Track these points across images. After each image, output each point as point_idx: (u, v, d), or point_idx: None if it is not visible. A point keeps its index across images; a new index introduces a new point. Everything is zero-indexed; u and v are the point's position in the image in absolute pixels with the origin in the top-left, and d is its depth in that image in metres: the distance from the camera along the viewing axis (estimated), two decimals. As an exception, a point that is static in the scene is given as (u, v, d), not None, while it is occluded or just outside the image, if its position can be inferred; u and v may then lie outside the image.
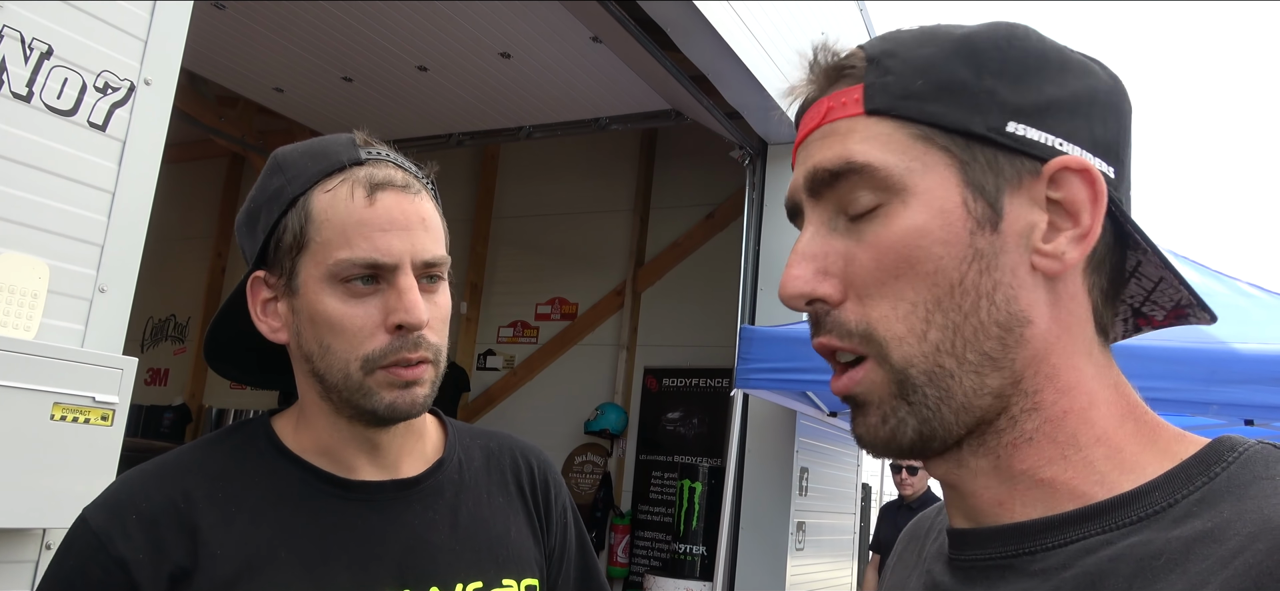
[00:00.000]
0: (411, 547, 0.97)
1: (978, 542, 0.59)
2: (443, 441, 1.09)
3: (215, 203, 9.09)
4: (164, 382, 8.90)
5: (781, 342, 4.43)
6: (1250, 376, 3.32)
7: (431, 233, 0.95)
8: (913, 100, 0.58)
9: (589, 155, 7.53)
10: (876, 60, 0.60)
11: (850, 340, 0.58)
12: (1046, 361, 0.57)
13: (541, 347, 7.56)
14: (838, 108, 0.60)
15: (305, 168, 0.95)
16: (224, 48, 5.58)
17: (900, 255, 0.56)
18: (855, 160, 0.58)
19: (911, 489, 5.27)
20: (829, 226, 0.60)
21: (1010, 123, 0.57)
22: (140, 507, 0.89)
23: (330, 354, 0.92)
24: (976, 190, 0.57)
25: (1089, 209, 0.56)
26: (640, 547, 6.81)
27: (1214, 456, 0.54)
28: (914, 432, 0.57)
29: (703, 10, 4.12)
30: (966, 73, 0.58)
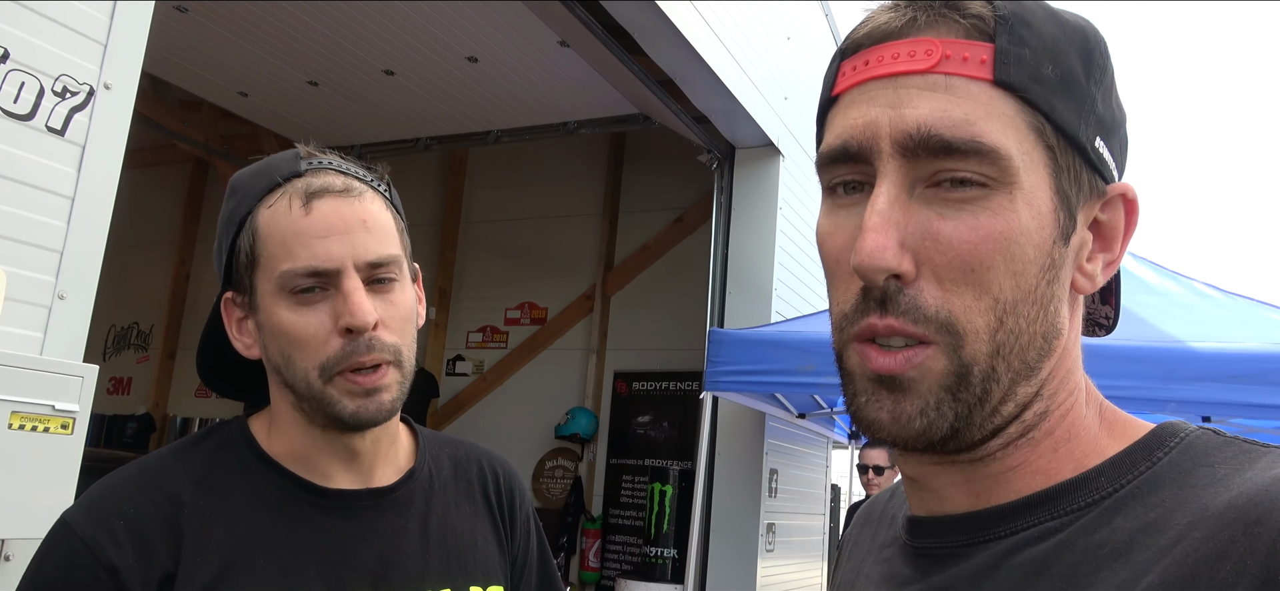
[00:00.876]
0: (384, 556, 0.98)
1: (933, 530, 0.60)
2: (414, 450, 1.10)
3: (178, 208, 8.97)
4: (127, 392, 8.75)
5: (750, 345, 4.45)
6: (1206, 374, 3.39)
7: (375, 233, 0.95)
8: (1042, 86, 0.53)
9: (557, 159, 7.52)
10: (1009, 23, 0.53)
11: (924, 326, 0.52)
12: (1062, 367, 0.57)
13: (511, 352, 7.54)
14: (958, 60, 0.53)
15: (251, 187, 0.98)
16: (187, 51, 5.51)
17: (998, 247, 0.52)
18: (985, 142, 0.52)
19: (878, 488, 5.31)
20: (908, 191, 0.53)
21: (1098, 137, 0.55)
22: (128, 513, 0.89)
23: (292, 364, 0.94)
24: (1063, 199, 0.54)
25: (1122, 237, 0.57)
26: (611, 551, 6.81)
27: (1156, 442, 0.55)
28: (949, 429, 0.53)
29: (670, 15, 4.14)
30: (1081, 71, 0.54)
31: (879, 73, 0.54)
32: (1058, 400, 0.57)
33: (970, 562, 0.56)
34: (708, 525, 5.30)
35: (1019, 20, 0.53)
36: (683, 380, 6.78)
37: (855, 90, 0.56)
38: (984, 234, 0.52)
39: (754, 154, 5.73)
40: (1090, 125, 0.54)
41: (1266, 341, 3.44)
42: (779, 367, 4.35)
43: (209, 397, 8.50)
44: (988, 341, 0.52)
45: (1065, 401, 0.57)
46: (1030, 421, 0.56)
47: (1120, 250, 0.57)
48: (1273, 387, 3.29)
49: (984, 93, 0.52)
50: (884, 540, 0.68)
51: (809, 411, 5.89)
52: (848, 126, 0.55)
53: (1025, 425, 0.56)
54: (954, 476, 0.58)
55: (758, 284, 5.58)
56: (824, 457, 6.85)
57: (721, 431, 5.42)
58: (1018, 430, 0.56)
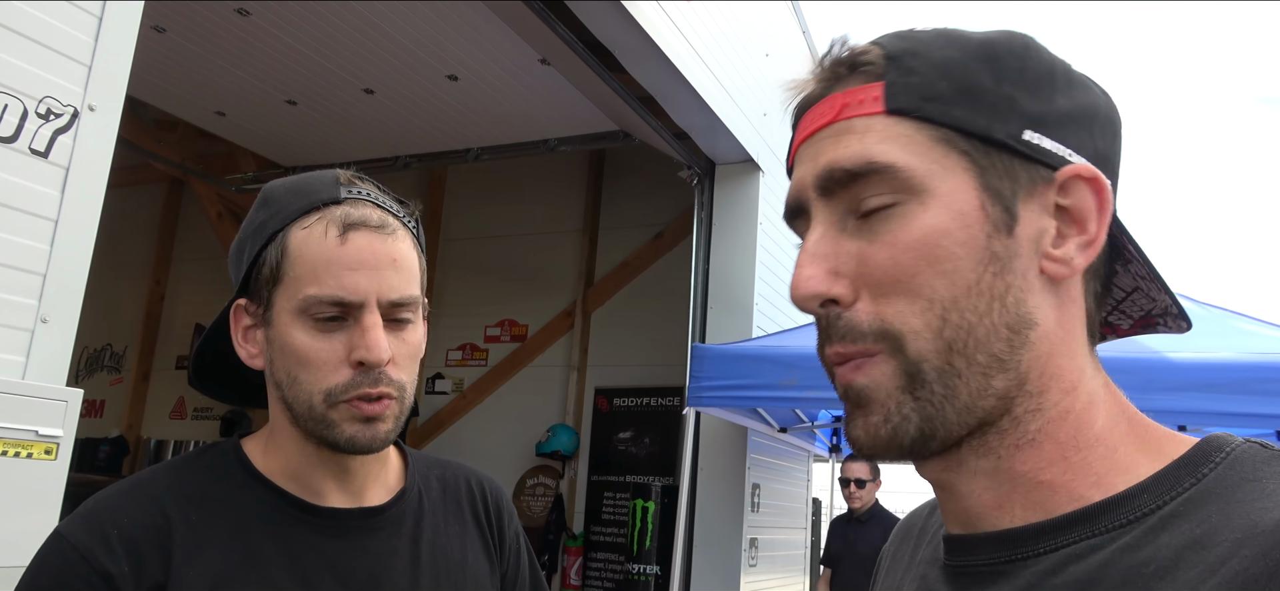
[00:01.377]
0: (376, 575, 0.99)
1: (971, 548, 0.60)
2: (403, 470, 1.12)
3: (153, 229, 8.88)
4: (100, 414, 8.63)
5: (732, 360, 4.47)
6: (1182, 384, 3.44)
7: (402, 273, 0.98)
8: (937, 102, 0.57)
9: (537, 176, 7.52)
10: (897, 58, 0.59)
11: (863, 341, 0.57)
12: (1052, 362, 0.57)
13: (491, 370, 7.51)
14: (854, 104, 0.59)
15: (287, 204, 0.99)
16: (164, 71, 5.47)
17: (920, 254, 0.56)
18: (877, 160, 0.57)
19: (860, 502, 5.34)
20: (839, 227, 0.59)
21: (1027, 130, 0.58)
22: (121, 524, 0.90)
23: (297, 385, 0.95)
24: (994, 195, 0.57)
25: (1096, 217, 0.58)
26: (593, 569, 6.79)
27: (1201, 457, 0.54)
28: (916, 430, 0.56)
29: (651, 33, 4.16)
30: (988, 78, 0.58)
31: (804, 135, 0.62)
32: (1051, 398, 0.57)
33: (1010, 582, 0.56)
34: (691, 540, 5.30)
35: (907, 53, 0.59)
36: (664, 396, 6.79)
37: (796, 156, 0.64)
38: (904, 243, 0.56)
39: (734, 170, 5.76)
40: (1012, 121, 0.57)
41: (1241, 351, 3.50)
42: (761, 382, 4.36)
43: (184, 419, 8.41)
44: (932, 339, 0.56)
45: (1063, 401, 0.57)
46: (1023, 418, 0.57)
47: (1098, 230, 0.58)
48: (1247, 397, 3.34)
49: (879, 123, 0.58)
50: (923, 557, 0.68)
51: (790, 425, 5.91)
52: (790, 188, 0.63)
53: (1018, 421, 0.57)
54: (971, 482, 0.59)
55: (739, 299, 5.60)
56: (805, 471, 6.87)
57: (704, 446, 5.43)
58: (1012, 426, 0.57)
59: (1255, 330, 3.77)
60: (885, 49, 0.59)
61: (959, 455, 0.58)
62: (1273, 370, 3.35)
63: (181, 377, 8.43)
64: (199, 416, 8.36)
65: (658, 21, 4.23)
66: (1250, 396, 3.35)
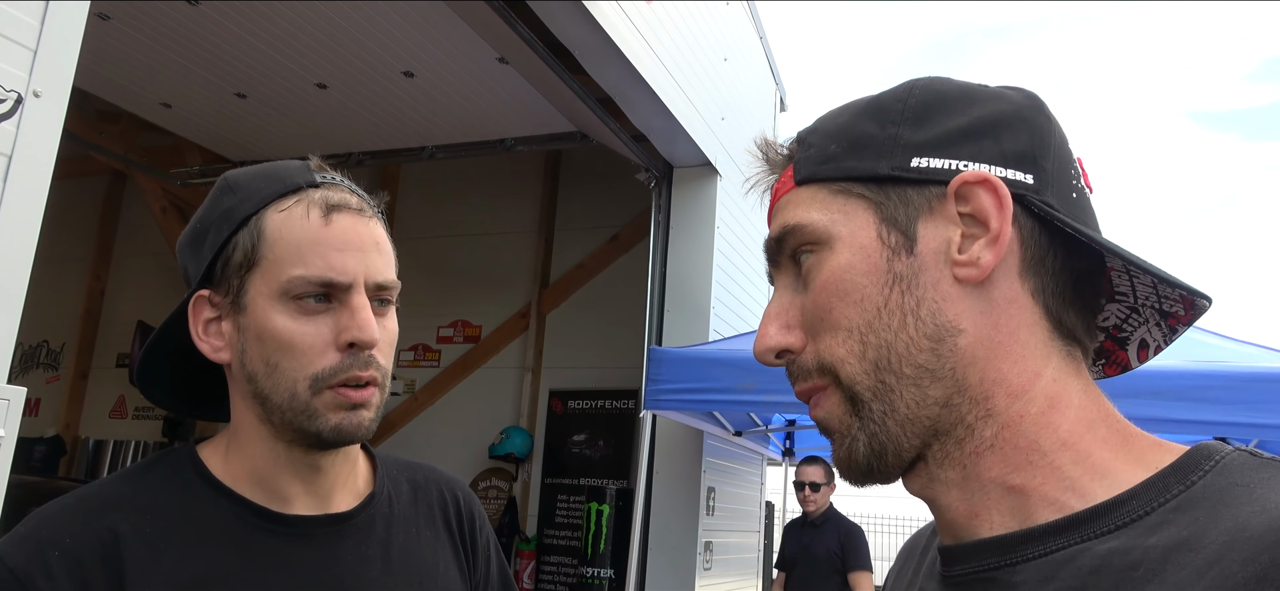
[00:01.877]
0: (345, 584, 0.96)
1: (963, 557, 0.61)
2: (372, 474, 1.08)
3: (93, 222, 8.62)
4: (35, 413, 8.34)
5: (689, 363, 4.47)
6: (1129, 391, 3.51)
7: (384, 256, 0.97)
8: (830, 162, 0.65)
9: (492, 176, 7.46)
10: (803, 140, 0.69)
11: (811, 378, 0.64)
12: (990, 367, 0.59)
13: (444, 371, 7.42)
14: (781, 188, 0.69)
15: (258, 188, 0.96)
16: (107, 60, 5.30)
17: (832, 291, 0.63)
18: (788, 223, 0.66)
19: (814, 505, 5.37)
20: (791, 288, 0.67)
21: (913, 158, 0.63)
22: (63, 544, 0.84)
23: (278, 373, 0.91)
24: (890, 223, 0.63)
25: (996, 214, 0.60)
26: (547, 572, 6.74)
27: (1191, 464, 0.55)
28: (866, 449, 0.62)
29: (611, 34, 4.15)
30: (873, 127, 0.65)
31: (768, 218, 0.72)
32: (997, 402, 0.59)
33: (1001, 587, 0.57)
34: (646, 544, 5.29)
35: (811, 132, 0.69)
36: (619, 398, 6.77)
37: None
38: (819, 286, 0.64)
39: (692, 173, 5.77)
40: (897, 155, 0.63)
41: (1186, 359, 3.59)
42: (718, 385, 4.37)
43: (124, 419, 8.18)
44: (858, 362, 0.61)
45: (1011, 404, 0.59)
46: (974, 424, 0.59)
47: (1000, 226, 0.59)
48: (1192, 404, 3.43)
49: (794, 195, 0.67)
50: (924, 570, 0.70)
51: (745, 429, 5.93)
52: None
53: (971, 428, 0.59)
54: (948, 494, 0.62)
55: (696, 302, 5.61)
56: (759, 475, 6.90)
57: (660, 449, 5.42)
58: (965, 433, 0.60)
59: (1202, 340, 3.87)
60: (798, 136, 0.70)
61: (928, 468, 0.61)
62: (1217, 378, 3.45)
63: (122, 376, 8.20)
64: (140, 415, 8.13)
65: (618, 22, 4.22)
66: (1194, 403, 3.45)
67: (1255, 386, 3.41)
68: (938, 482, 0.61)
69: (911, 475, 0.62)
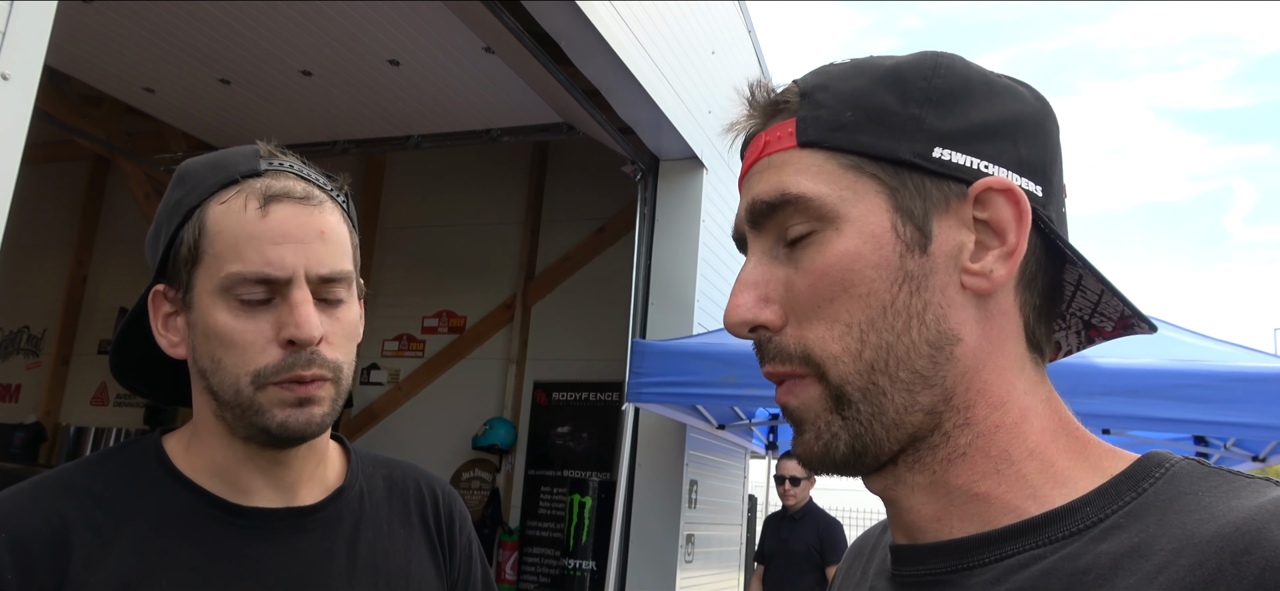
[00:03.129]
0: (304, 580, 0.94)
1: (916, 559, 0.60)
2: (345, 468, 1.05)
3: (76, 207, 8.54)
4: (15, 399, 8.29)
5: (673, 356, 4.47)
6: (1107, 389, 3.54)
7: (330, 246, 0.92)
8: (843, 131, 0.59)
9: (478, 166, 7.43)
10: (808, 94, 0.62)
11: (790, 363, 0.59)
12: (977, 377, 0.58)
13: (428, 362, 7.40)
14: (774, 141, 0.62)
15: (204, 179, 0.93)
16: (89, 43, 5.25)
17: (834, 279, 0.58)
18: (790, 192, 0.59)
19: (794, 499, 5.39)
20: (770, 255, 0.62)
21: (935, 148, 0.58)
22: (10, 528, 0.84)
23: (222, 369, 0.89)
24: (905, 215, 0.58)
25: (1014, 227, 0.58)
26: (529, 564, 6.74)
27: (1142, 472, 0.55)
28: (846, 448, 0.58)
29: (598, 26, 4.13)
30: (893, 102, 0.59)
31: (743, 172, 0.66)
32: (979, 413, 0.58)
33: (956, 590, 0.57)
34: (628, 536, 5.30)
35: (816, 88, 0.62)
36: (603, 390, 6.76)
37: (740, 190, 0.67)
38: (820, 270, 0.58)
39: (678, 166, 5.76)
40: (920, 141, 0.58)
41: (1164, 358, 3.62)
42: (701, 379, 4.38)
43: (106, 406, 8.12)
44: (852, 362, 0.57)
45: (991, 415, 0.58)
46: (951, 432, 0.58)
47: (1017, 240, 0.57)
48: (1169, 402, 3.46)
49: (794, 156, 0.61)
50: (873, 569, 0.69)
51: (728, 422, 5.94)
52: (734, 220, 0.67)
53: (948, 436, 0.58)
54: (912, 496, 0.60)
55: (680, 295, 5.61)
56: (742, 468, 6.91)
57: (642, 442, 5.42)
58: (942, 442, 0.58)
59: (1178, 338, 3.90)
60: (800, 86, 0.63)
61: (896, 471, 0.60)
62: (1192, 377, 3.47)
63: (104, 362, 8.14)
64: (122, 403, 8.07)
65: (605, 15, 4.20)
66: (1171, 402, 3.47)
67: (1232, 385, 3.43)
68: (903, 485, 0.60)
69: (877, 475, 0.60)
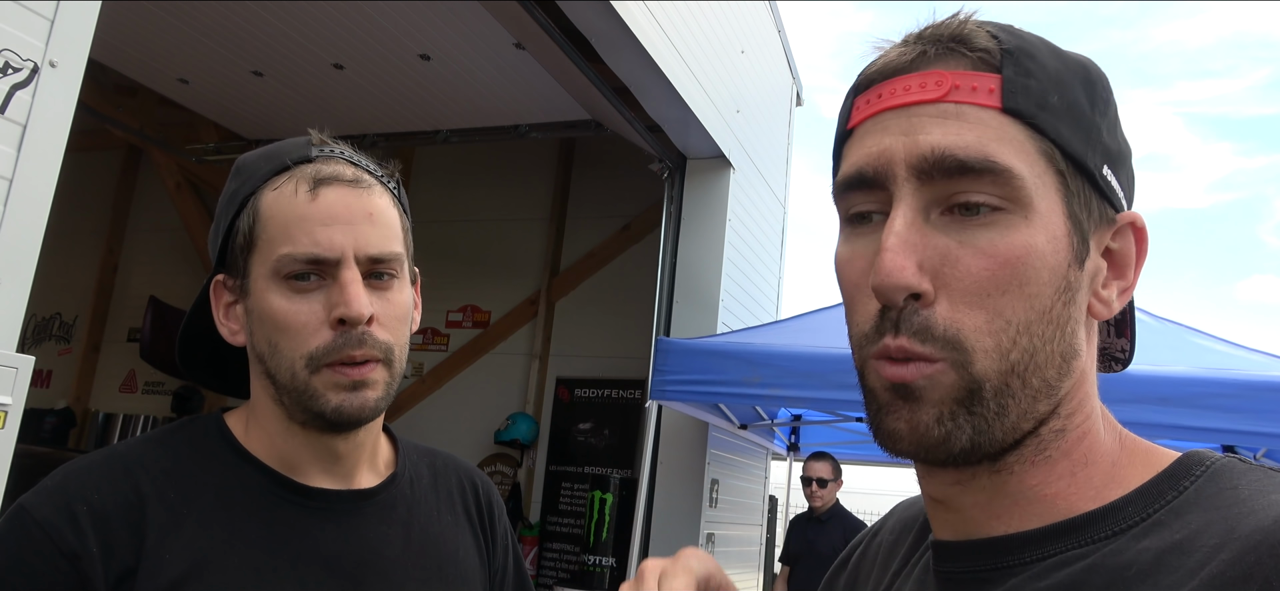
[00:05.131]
0: (365, 561, 0.95)
1: (961, 555, 0.60)
2: (394, 456, 1.07)
3: (108, 196, 8.66)
4: (46, 384, 8.41)
5: (696, 355, 4.47)
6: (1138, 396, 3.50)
7: (379, 228, 0.93)
8: (1048, 113, 0.55)
9: (505, 162, 7.46)
10: (1015, 55, 0.56)
11: (932, 345, 0.54)
12: (1080, 389, 0.58)
13: (452, 355, 7.44)
14: (967, 90, 0.55)
15: (257, 169, 0.95)
16: (126, 34, 5.33)
17: (1013, 270, 0.54)
18: (998, 162, 0.54)
19: (821, 501, 5.37)
20: (923, 215, 0.55)
21: (1105, 165, 0.57)
22: (92, 501, 0.85)
23: (278, 353, 0.90)
24: (1075, 223, 0.56)
25: (1134, 265, 0.59)
26: (548, 559, 6.76)
27: (1183, 471, 0.56)
28: (968, 442, 0.55)
29: (629, 23, 4.14)
30: (1085, 102, 0.57)
31: (892, 104, 0.57)
32: (1075, 421, 0.58)
33: (1000, 588, 0.57)
34: (648, 534, 5.30)
35: (1024, 52, 0.56)
36: (625, 388, 6.77)
37: (870, 122, 0.58)
38: (1001, 258, 0.54)
39: (705, 165, 5.76)
40: (1097, 153, 0.56)
41: (1194, 366, 3.57)
42: (724, 378, 4.37)
43: (134, 393, 8.23)
44: (999, 359, 0.54)
45: (1083, 424, 0.58)
46: (1047, 438, 0.57)
47: (1134, 278, 0.59)
48: (1200, 410, 3.41)
49: (993, 119, 0.54)
50: (916, 558, 0.68)
51: (750, 422, 5.93)
52: (864, 155, 0.57)
53: (1042, 442, 0.57)
54: (976, 495, 0.59)
55: (705, 294, 5.61)
56: (763, 469, 6.90)
57: (664, 440, 5.42)
58: (1034, 447, 0.57)
59: (1209, 346, 3.85)
60: (1000, 40, 0.56)
61: (977, 469, 0.57)
62: (1222, 386, 3.43)
63: (133, 350, 8.24)
64: (150, 390, 8.18)
65: (636, 12, 4.21)
66: (1201, 410, 3.43)
67: (1263, 395, 3.39)
68: (974, 484, 0.58)
69: (954, 470, 0.58)
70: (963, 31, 0.57)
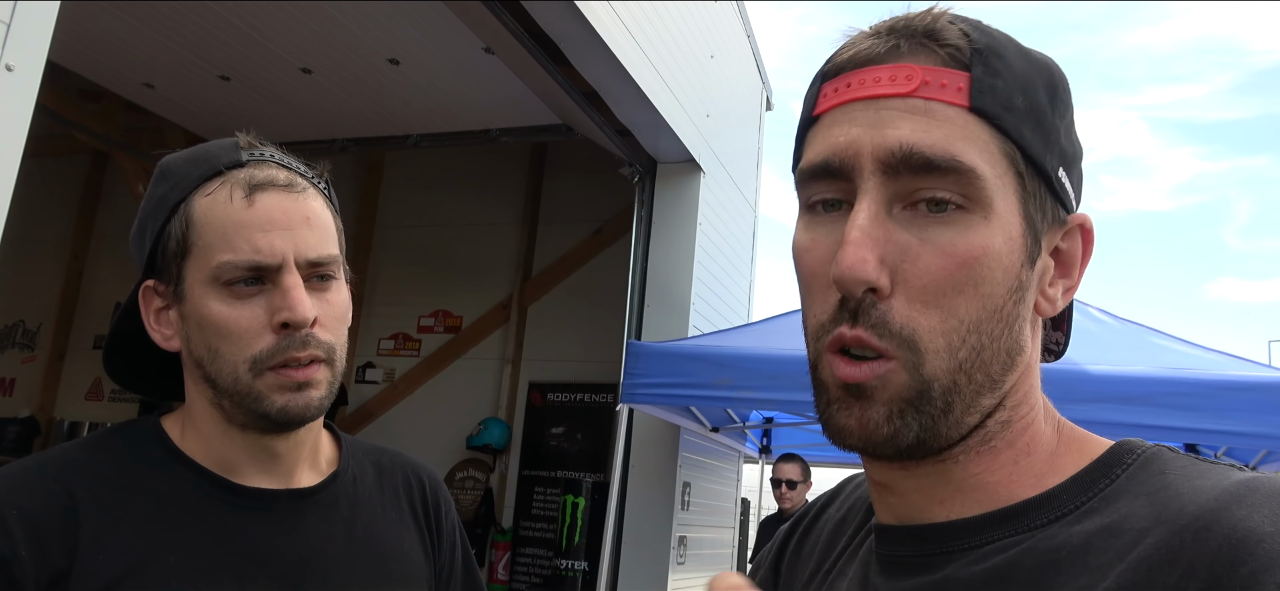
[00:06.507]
0: (305, 559, 0.95)
1: (902, 539, 0.62)
2: (337, 455, 1.08)
3: (73, 202, 8.54)
4: (9, 393, 8.28)
5: (668, 358, 4.49)
6: (1100, 396, 3.56)
7: (317, 231, 0.94)
8: (1013, 115, 0.56)
9: (476, 167, 7.44)
10: (984, 55, 0.56)
11: (888, 341, 0.55)
12: (1025, 382, 0.60)
13: (424, 361, 7.41)
14: (936, 86, 0.56)
15: (187, 173, 0.95)
16: (89, 38, 5.26)
17: (969, 270, 0.54)
18: (963, 161, 0.54)
19: (790, 503, 5.41)
20: (886, 209, 0.56)
21: (1061, 168, 0.58)
22: (22, 505, 0.84)
23: (219, 358, 0.91)
24: (1030, 224, 0.57)
25: (1080, 265, 0.61)
26: (521, 564, 6.74)
27: (1115, 459, 0.58)
28: (914, 438, 0.56)
29: (597, 28, 4.15)
30: (1046, 102, 0.57)
31: (861, 95, 0.57)
32: (1020, 413, 0.59)
33: (934, 573, 0.58)
34: (620, 537, 5.31)
35: (993, 52, 0.56)
36: (598, 392, 6.77)
37: (837, 111, 0.58)
38: (959, 258, 0.54)
39: (675, 169, 5.78)
40: (1054, 155, 0.58)
41: (1155, 365, 3.64)
42: (695, 381, 4.39)
43: (100, 401, 8.12)
44: (948, 358, 0.55)
45: (1026, 415, 0.60)
46: (992, 430, 0.58)
47: (1078, 277, 0.61)
48: (1161, 410, 3.47)
49: (960, 118, 0.55)
50: (856, 538, 0.70)
51: (722, 425, 5.96)
52: (830, 144, 0.58)
53: (987, 433, 0.58)
54: (920, 482, 0.60)
55: (676, 298, 5.63)
56: (735, 471, 6.92)
57: (636, 444, 5.43)
58: (979, 438, 0.58)
59: (1169, 346, 3.92)
60: (970, 38, 0.57)
61: (922, 461, 0.59)
62: (1183, 385, 3.49)
63: (99, 357, 8.08)
64: (117, 398, 8.07)
65: (604, 17, 4.22)
66: (1162, 409, 3.49)
67: (1223, 394, 3.45)
68: (918, 472, 0.59)
69: (897, 461, 0.59)
70: (935, 27, 0.57)
